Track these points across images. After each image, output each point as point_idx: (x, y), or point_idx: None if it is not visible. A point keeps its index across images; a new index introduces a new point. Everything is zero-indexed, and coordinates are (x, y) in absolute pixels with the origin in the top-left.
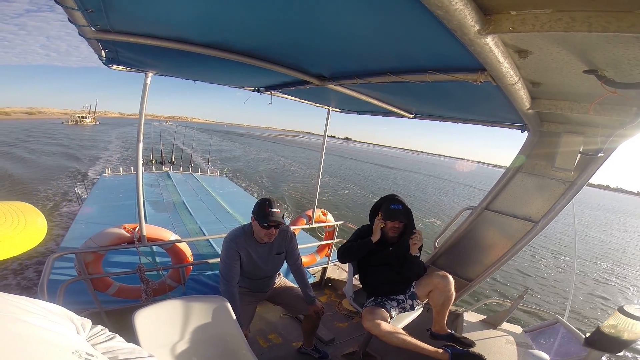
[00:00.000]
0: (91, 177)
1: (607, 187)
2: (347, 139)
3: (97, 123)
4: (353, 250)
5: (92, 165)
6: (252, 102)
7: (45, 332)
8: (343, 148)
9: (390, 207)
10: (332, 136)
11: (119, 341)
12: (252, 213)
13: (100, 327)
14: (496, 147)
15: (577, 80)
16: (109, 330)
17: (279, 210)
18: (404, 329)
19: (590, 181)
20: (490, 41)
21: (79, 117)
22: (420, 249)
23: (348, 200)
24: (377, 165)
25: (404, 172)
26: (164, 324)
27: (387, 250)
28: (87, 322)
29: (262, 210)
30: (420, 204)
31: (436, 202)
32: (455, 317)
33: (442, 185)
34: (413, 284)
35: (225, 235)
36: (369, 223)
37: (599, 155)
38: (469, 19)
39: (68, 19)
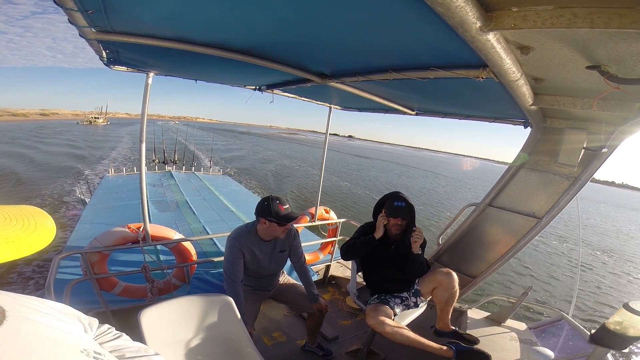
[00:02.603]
0: (101, 173)
1: (612, 183)
2: (350, 136)
3: (108, 123)
4: (356, 247)
5: (106, 158)
6: (256, 102)
7: (54, 331)
8: (341, 145)
9: (394, 204)
10: (335, 134)
11: (125, 340)
12: (261, 215)
13: (107, 326)
14: (499, 144)
15: (580, 76)
16: (115, 330)
17: (288, 205)
18: (407, 326)
19: (595, 177)
20: (492, 38)
21: (92, 117)
22: (423, 246)
23: (342, 193)
24: (356, 157)
25: (380, 162)
26: (169, 323)
27: (390, 248)
28: (94, 321)
29: (277, 209)
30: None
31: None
32: (460, 314)
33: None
34: (417, 281)
35: (228, 233)
36: (371, 220)
37: (603, 150)
38: (470, 16)
39: (68, 20)
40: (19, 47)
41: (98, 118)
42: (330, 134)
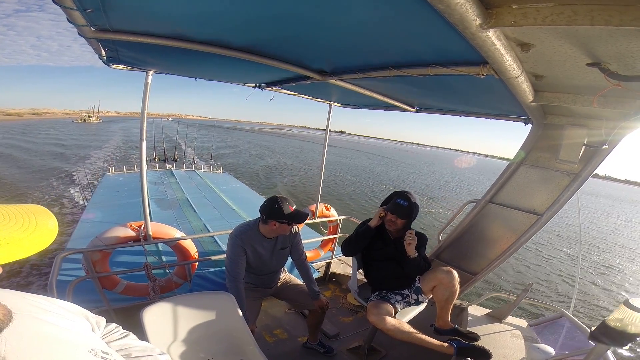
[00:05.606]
0: (102, 170)
1: (595, 175)
2: (341, 132)
3: (101, 121)
4: (353, 240)
5: (104, 149)
6: (250, 99)
7: (62, 330)
8: (331, 140)
9: (396, 201)
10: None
11: (132, 339)
12: (272, 218)
13: (114, 324)
14: (491, 137)
15: (580, 73)
16: (122, 329)
17: (294, 203)
18: (408, 323)
19: None
20: (492, 35)
21: (86, 115)
22: (424, 243)
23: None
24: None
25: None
26: (171, 321)
27: (390, 245)
28: (102, 320)
29: (288, 210)
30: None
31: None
32: (460, 311)
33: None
34: (417, 278)
35: (229, 231)
36: (371, 217)
37: (604, 147)
38: (470, 13)
39: (67, 18)
40: (2, 45)
41: (91, 116)
42: (320, 129)
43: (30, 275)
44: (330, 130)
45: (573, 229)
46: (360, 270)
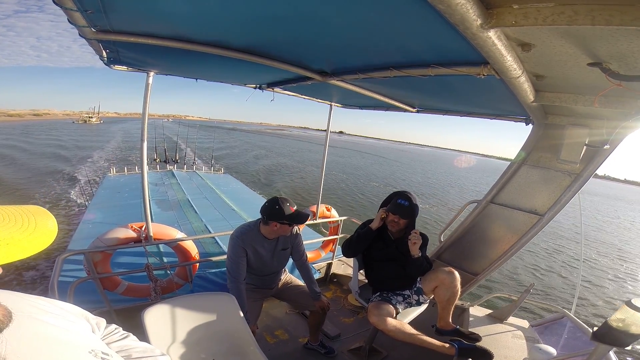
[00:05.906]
0: (102, 171)
1: (595, 175)
2: (341, 132)
3: (101, 122)
4: (354, 241)
5: (104, 150)
6: (250, 99)
7: (62, 331)
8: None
9: (397, 202)
10: (324, 130)
11: (132, 340)
12: (273, 219)
13: (114, 325)
14: (491, 138)
15: (581, 73)
16: (122, 330)
17: (295, 204)
18: (410, 323)
19: None
20: (492, 35)
21: (87, 116)
22: (425, 243)
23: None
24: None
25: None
26: (172, 322)
27: (392, 246)
28: (102, 321)
29: (289, 211)
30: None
31: None
32: (461, 312)
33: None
34: (419, 279)
35: (230, 232)
36: (372, 218)
37: (605, 147)
38: (471, 13)
39: (68, 19)
40: (2, 46)
41: (92, 117)
42: (320, 130)
43: (31, 276)
44: (330, 131)
45: (571, 228)
46: (362, 271)
